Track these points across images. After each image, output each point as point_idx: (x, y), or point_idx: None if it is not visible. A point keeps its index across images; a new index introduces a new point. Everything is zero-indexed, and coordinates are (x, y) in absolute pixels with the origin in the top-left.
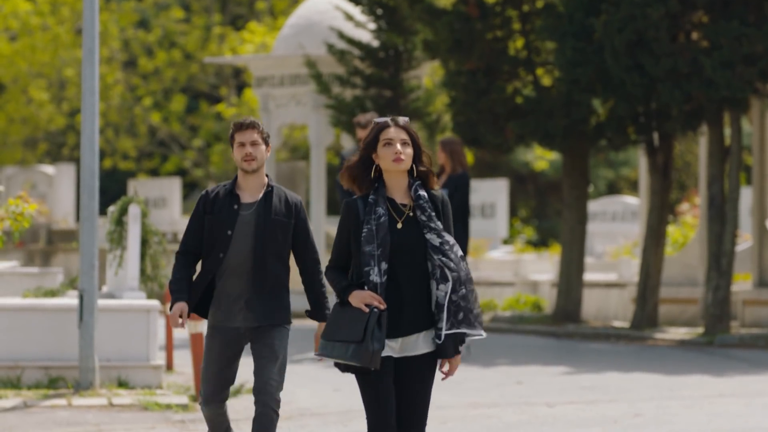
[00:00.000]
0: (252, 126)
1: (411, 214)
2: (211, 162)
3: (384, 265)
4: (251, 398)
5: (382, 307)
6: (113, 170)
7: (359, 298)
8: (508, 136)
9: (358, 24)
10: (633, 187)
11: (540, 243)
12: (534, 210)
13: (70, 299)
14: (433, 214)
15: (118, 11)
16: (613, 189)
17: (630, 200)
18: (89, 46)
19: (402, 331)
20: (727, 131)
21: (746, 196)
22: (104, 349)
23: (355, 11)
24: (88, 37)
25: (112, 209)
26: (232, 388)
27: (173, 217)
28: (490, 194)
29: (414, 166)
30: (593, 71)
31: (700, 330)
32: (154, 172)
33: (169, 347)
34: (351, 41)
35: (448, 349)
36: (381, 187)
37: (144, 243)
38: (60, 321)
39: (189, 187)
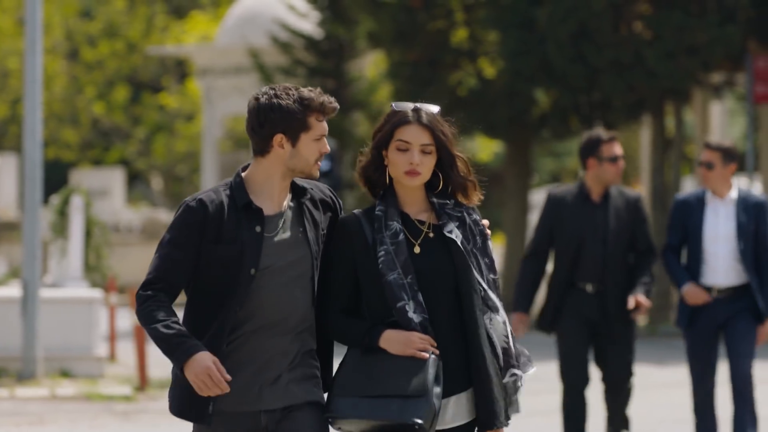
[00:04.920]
0: (335, 108)
1: (431, 234)
2: (154, 152)
3: (421, 297)
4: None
5: (437, 351)
6: (56, 160)
7: (404, 341)
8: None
9: (301, 15)
10: (575, 177)
11: None
12: None
13: (13, 289)
14: (476, 238)
15: (60, 1)
16: (556, 179)
17: None
18: (32, 36)
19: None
20: (670, 122)
21: (689, 187)
22: (47, 340)
23: (298, 2)
24: (31, 28)
25: (54, 200)
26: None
27: (115, 207)
28: None
29: (440, 174)
30: (536, 62)
31: (643, 320)
32: (98, 163)
33: (111, 338)
34: (294, 32)
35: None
36: (391, 195)
37: (87, 233)
38: (2, 311)
39: (132, 178)
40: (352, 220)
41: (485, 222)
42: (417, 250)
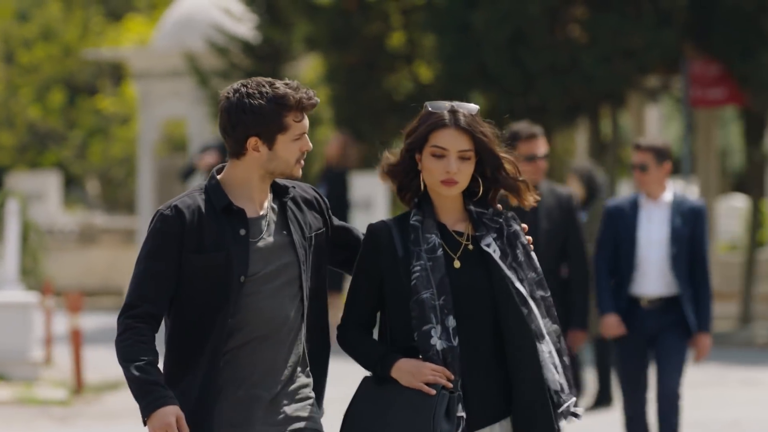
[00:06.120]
0: (314, 104)
1: (470, 246)
2: (90, 156)
3: (452, 322)
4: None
5: (450, 385)
6: None
7: (417, 373)
8: (388, 131)
9: (237, 19)
10: None
11: None
12: None
13: None
14: (517, 251)
15: None
16: None
17: None
18: None
19: (476, 422)
20: (606, 125)
21: (625, 190)
22: None
23: (235, 6)
24: None
25: None
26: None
27: (50, 211)
28: (369, 188)
29: (479, 180)
30: (473, 65)
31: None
32: (33, 166)
33: (47, 341)
34: (230, 36)
35: None
36: (427, 205)
37: (23, 237)
38: None
39: (68, 182)
40: (383, 230)
41: (528, 238)
42: (457, 264)
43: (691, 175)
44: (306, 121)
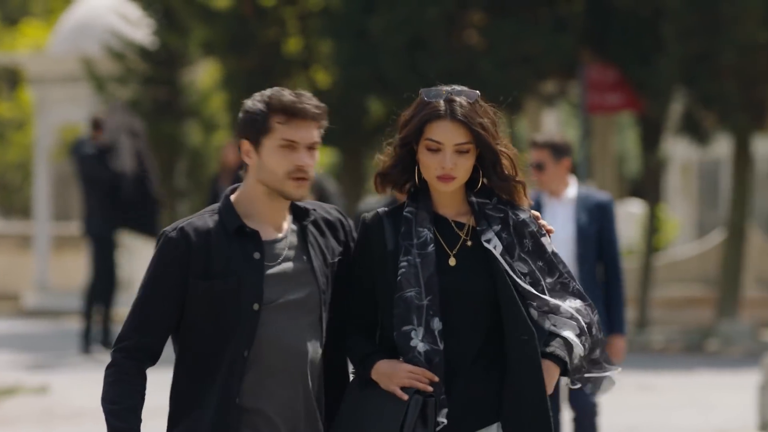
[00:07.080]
0: (317, 116)
1: (470, 242)
2: None
3: (437, 324)
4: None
5: (429, 388)
6: None
7: (392, 375)
8: None
9: (134, 24)
10: None
11: None
12: None
13: None
14: (525, 240)
15: None
16: None
17: None
18: None
19: (457, 428)
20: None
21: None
22: None
23: (132, 11)
24: None
25: None
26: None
27: None
28: None
29: (480, 171)
30: (370, 71)
31: None
32: None
33: None
34: (127, 41)
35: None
36: (424, 195)
37: None
38: None
39: None
40: (374, 221)
41: (542, 222)
42: (452, 262)
43: (588, 180)
44: (302, 132)
